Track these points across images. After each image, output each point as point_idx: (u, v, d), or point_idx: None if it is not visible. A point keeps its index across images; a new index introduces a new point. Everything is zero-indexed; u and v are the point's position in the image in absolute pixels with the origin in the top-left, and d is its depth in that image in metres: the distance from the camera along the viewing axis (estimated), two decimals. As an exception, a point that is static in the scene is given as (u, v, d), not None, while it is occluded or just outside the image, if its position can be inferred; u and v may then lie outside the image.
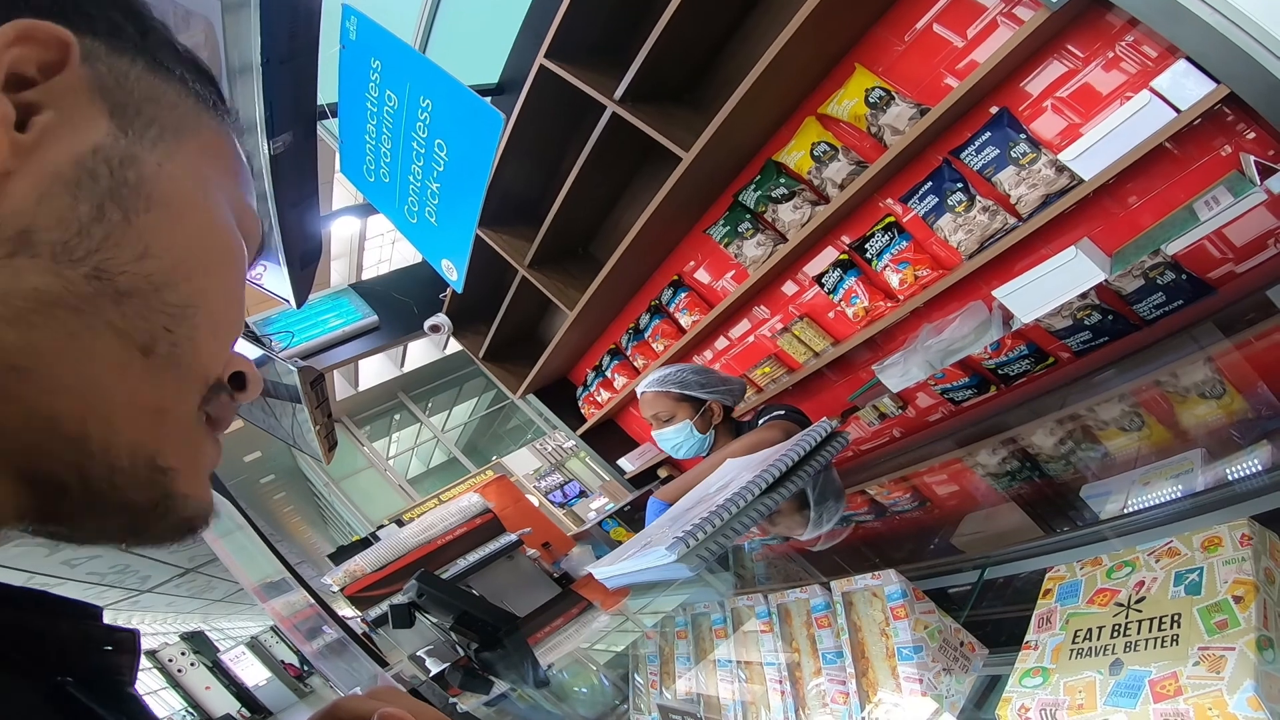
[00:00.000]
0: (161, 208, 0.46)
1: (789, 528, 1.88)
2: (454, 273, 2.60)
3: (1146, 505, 1.06)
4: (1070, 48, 2.34)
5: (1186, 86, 2.01)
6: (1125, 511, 1.10)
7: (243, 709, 17.22)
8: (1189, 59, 1.99)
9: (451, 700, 2.25)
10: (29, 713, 0.41)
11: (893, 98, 2.71)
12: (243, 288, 0.54)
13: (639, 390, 2.74)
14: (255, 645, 19.51)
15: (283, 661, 18.89)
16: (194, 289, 0.47)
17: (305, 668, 18.60)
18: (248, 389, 0.56)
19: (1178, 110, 2.04)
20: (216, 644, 18.88)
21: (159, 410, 0.45)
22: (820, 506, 1.82)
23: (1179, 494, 1.03)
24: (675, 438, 2.65)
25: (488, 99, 2.23)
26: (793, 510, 1.84)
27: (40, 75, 0.43)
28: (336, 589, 3.05)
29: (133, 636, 0.53)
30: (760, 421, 2.54)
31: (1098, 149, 2.19)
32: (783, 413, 2.49)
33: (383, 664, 3.23)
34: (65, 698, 0.44)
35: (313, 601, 3.96)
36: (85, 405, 0.41)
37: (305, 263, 4.30)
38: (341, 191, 7.30)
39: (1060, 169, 2.40)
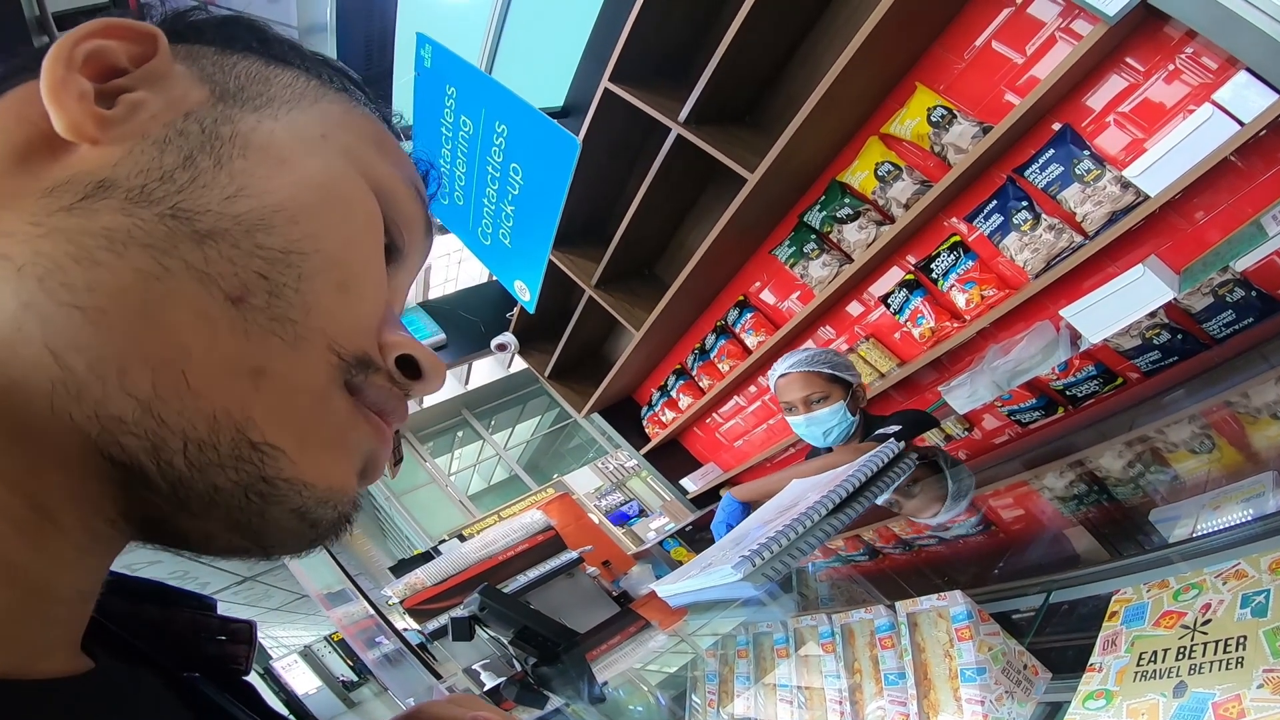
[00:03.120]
0: (261, 153, 0.45)
1: (921, 510, 1.86)
2: (526, 293, 2.64)
3: (1216, 529, 1.05)
4: (1130, 61, 2.32)
5: (1248, 98, 1.98)
6: (1194, 535, 1.08)
7: (291, 717, 17.32)
8: (1249, 70, 1.97)
9: (504, 713, 2.26)
10: (152, 700, 0.43)
11: (955, 116, 2.71)
12: (376, 253, 0.49)
13: (779, 374, 2.59)
14: (308, 654, 19.72)
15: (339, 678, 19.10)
16: (301, 233, 0.43)
17: (357, 677, 18.75)
18: (425, 376, 0.50)
19: (1241, 123, 2.01)
20: (269, 651, 19.10)
21: (257, 372, 0.39)
22: (957, 485, 1.81)
23: (1249, 517, 1.01)
24: (830, 420, 2.49)
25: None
26: (930, 495, 1.83)
27: (131, 65, 0.45)
28: (396, 601, 3.08)
29: (249, 627, 0.54)
30: (876, 432, 2.46)
31: (1162, 164, 2.17)
32: (893, 430, 2.41)
33: (436, 676, 3.25)
34: (185, 686, 0.46)
35: (372, 612, 4.01)
36: (155, 355, 0.37)
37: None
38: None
39: (1125, 185, 2.37)
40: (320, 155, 0.48)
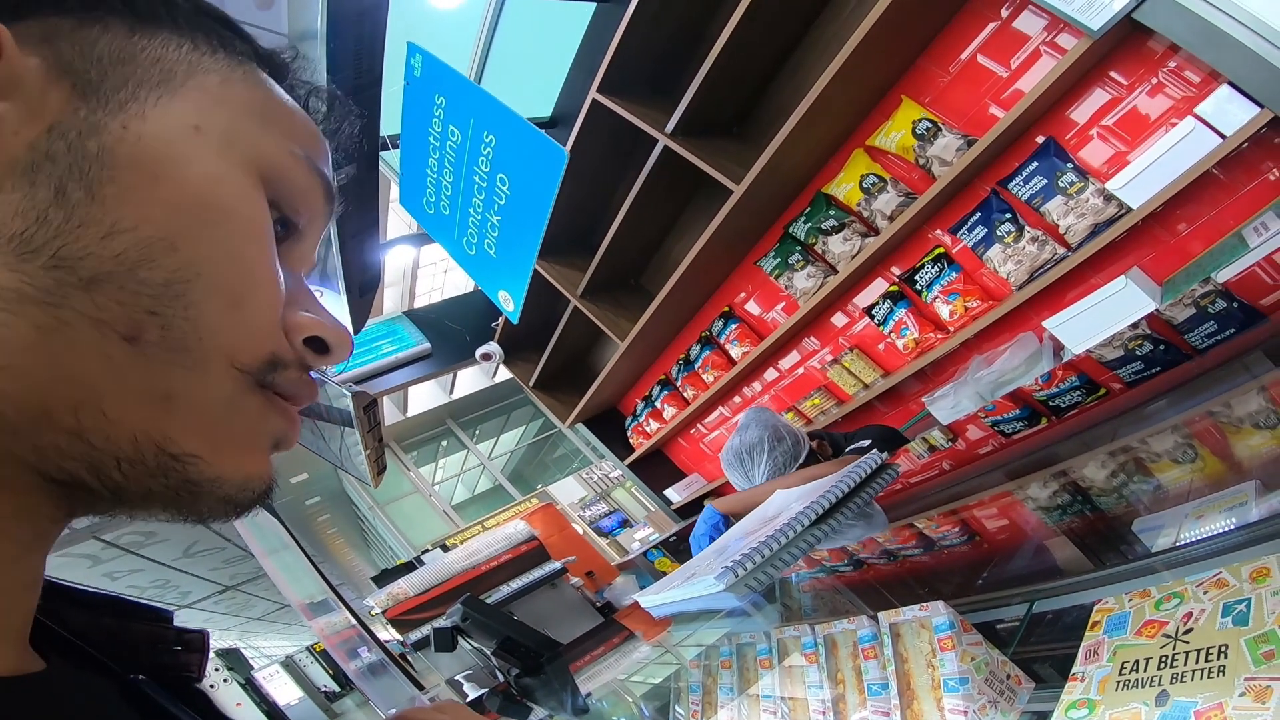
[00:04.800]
0: (130, 173, 0.42)
1: None
2: (510, 303, 2.64)
3: (1198, 538, 1.05)
4: (1114, 75, 2.35)
5: (1230, 112, 2.00)
6: (1176, 545, 1.08)
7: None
8: (1231, 84, 1.99)
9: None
10: (104, 706, 0.44)
11: (940, 129, 2.72)
12: (264, 252, 0.48)
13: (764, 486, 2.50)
14: (289, 665, 19.55)
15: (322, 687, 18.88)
16: (182, 261, 0.42)
17: (339, 687, 18.58)
18: (332, 350, 0.51)
19: (1223, 136, 2.03)
20: (251, 661, 18.93)
21: (166, 397, 0.41)
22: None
23: (1231, 526, 1.02)
24: None
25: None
26: None
27: None
28: (378, 611, 3.07)
29: (202, 637, 0.55)
30: (848, 449, 2.52)
31: (1145, 177, 2.19)
32: (866, 443, 2.45)
33: (419, 686, 3.24)
34: (137, 693, 0.46)
35: (354, 622, 4.00)
36: (72, 398, 0.38)
37: (364, 291, 4.37)
38: (396, 221, 7.42)
39: (1108, 198, 2.38)
40: (194, 159, 0.45)
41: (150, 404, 0.40)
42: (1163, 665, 0.81)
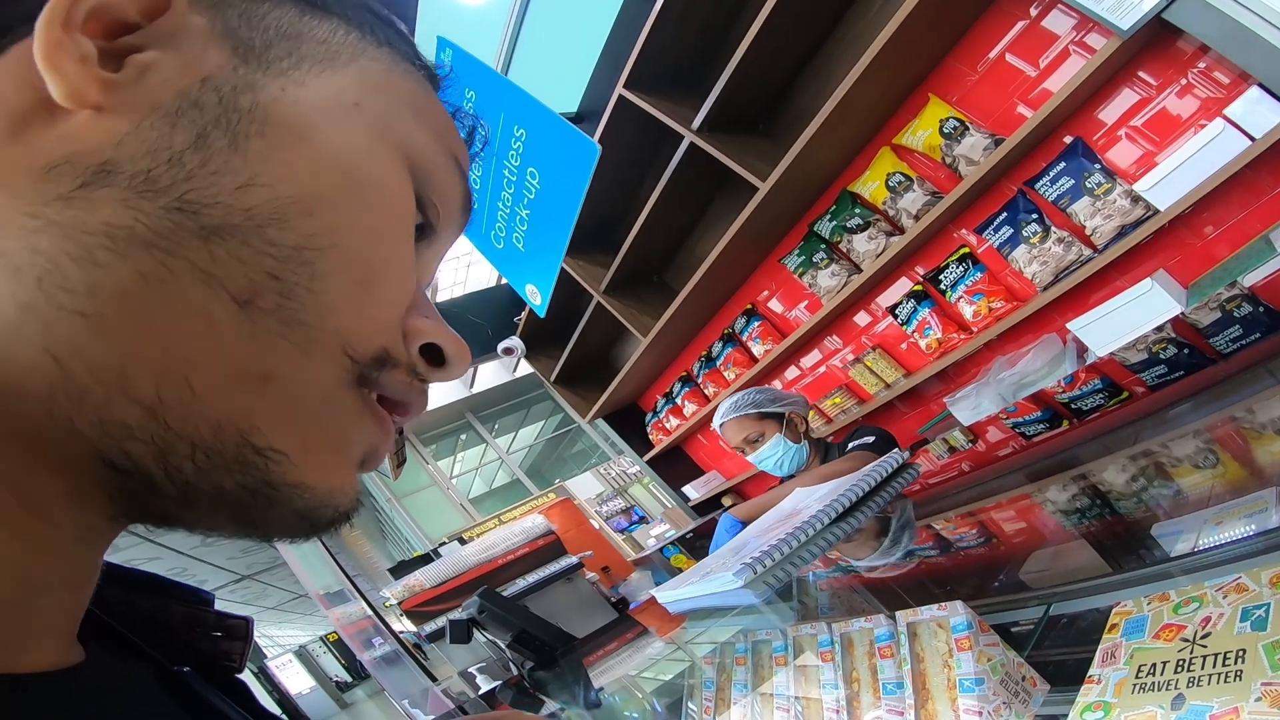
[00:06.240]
0: (282, 130, 0.40)
1: (855, 551, 1.87)
2: (538, 297, 2.64)
3: (1217, 544, 1.04)
4: (1142, 75, 2.32)
5: (1260, 113, 1.97)
6: (1195, 550, 1.07)
7: (283, 716, 17.15)
8: (1261, 85, 1.97)
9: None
10: (141, 694, 0.41)
11: (967, 128, 2.70)
12: (404, 240, 0.46)
13: (717, 426, 2.82)
14: (302, 654, 19.69)
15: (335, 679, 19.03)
16: (318, 227, 0.39)
17: (351, 677, 18.71)
18: (449, 364, 0.48)
19: (1252, 138, 2.00)
20: (264, 650, 19.00)
21: (262, 377, 0.37)
22: (896, 538, 1.81)
23: (1252, 532, 1.01)
24: (773, 453, 2.71)
25: (568, 129, 2.28)
26: (868, 534, 1.83)
27: (143, 19, 0.39)
28: (394, 602, 3.08)
29: (245, 624, 0.51)
30: (850, 445, 2.55)
31: (1173, 178, 2.16)
32: (871, 440, 2.49)
33: (432, 678, 3.25)
34: (176, 681, 0.44)
35: (369, 613, 4.02)
36: (158, 363, 0.34)
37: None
38: (419, 215, 7.43)
39: (1135, 199, 2.36)
40: (348, 130, 0.43)
41: (245, 383, 0.36)
42: (1180, 669, 0.81)
